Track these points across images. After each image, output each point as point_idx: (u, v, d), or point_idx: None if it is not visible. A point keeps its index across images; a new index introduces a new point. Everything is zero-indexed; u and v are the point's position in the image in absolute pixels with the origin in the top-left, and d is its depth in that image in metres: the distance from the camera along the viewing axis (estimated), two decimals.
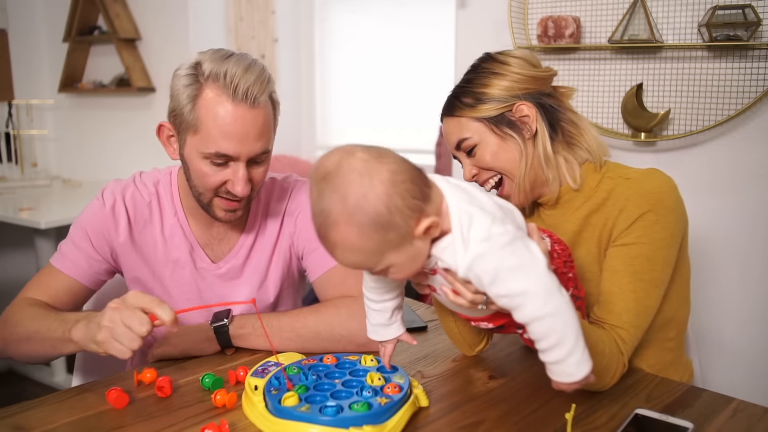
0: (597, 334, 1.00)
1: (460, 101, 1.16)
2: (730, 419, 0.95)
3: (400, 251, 0.81)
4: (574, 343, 0.79)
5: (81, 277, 1.23)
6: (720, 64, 1.70)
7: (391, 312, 0.98)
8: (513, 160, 1.15)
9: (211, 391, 1.01)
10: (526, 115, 1.13)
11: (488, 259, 0.80)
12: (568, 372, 0.80)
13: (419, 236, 0.81)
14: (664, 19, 1.75)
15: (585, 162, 1.18)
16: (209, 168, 1.13)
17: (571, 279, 1.01)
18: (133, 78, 3.30)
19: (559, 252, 0.99)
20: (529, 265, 0.80)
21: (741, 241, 1.73)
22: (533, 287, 0.79)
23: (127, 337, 0.94)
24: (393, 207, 0.78)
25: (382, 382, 0.96)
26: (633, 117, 1.78)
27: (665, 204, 1.07)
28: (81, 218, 1.25)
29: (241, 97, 1.08)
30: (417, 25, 3.47)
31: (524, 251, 0.80)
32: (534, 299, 0.79)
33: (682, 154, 1.79)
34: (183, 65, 1.14)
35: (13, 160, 3.62)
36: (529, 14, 1.95)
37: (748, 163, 1.70)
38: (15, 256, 3.42)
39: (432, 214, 0.81)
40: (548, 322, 0.79)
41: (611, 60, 1.85)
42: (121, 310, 0.96)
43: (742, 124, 1.70)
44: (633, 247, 1.07)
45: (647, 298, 1.06)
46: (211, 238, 1.28)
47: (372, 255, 0.81)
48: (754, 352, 1.74)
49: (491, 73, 1.14)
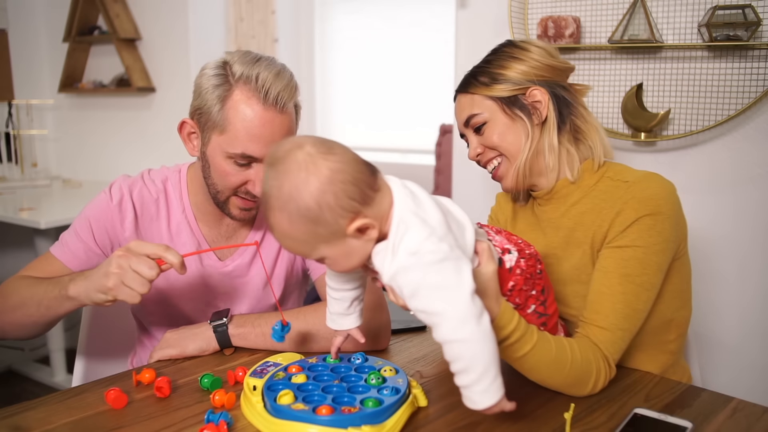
0: (561, 344, 0.99)
1: (476, 79, 1.18)
2: (729, 419, 0.95)
3: (332, 246, 0.84)
4: (481, 372, 0.80)
5: (78, 267, 1.22)
6: (720, 64, 1.69)
7: (350, 302, 1.00)
8: (518, 142, 1.16)
9: (209, 391, 1.01)
10: (539, 101, 1.14)
11: (411, 274, 0.80)
12: (472, 399, 0.81)
13: (352, 235, 0.82)
14: (664, 19, 1.75)
15: (587, 158, 1.18)
16: (232, 168, 1.14)
17: (533, 297, 1.00)
18: (133, 78, 3.30)
19: (523, 268, 0.98)
20: (451, 287, 0.80)
21: (741, 241, 1.73)
22: (450, 311, 0.79)
23: (137, 281, 0.98)
24: (324, 203, 0.80)
25: (381, 381, 0.97)
26: (633, 117, 1.77)
27: (662, 210, 1.07)
28: (87, 210, 1.25)
29: (271, 102, 1.11)
30: (417, 25, 3.48)
31: (451, 273, 0.80)
32: (448, 323, 0.79)
33: (682, 154, 1.79)
34: (209, 64, 1.16)
35: (13, 160, 3.62)
36: (529, 14, 1.95)
37: (748, 163, 1.70)
38: (15, 256, 3.42)
39: (369, 217, 0.82)
40: (458, 348, 0.80)
41: (611, 60, 1.85)
42: (129, 257, 0.99)
43: (742, 124, 1.70)
44: (627, 250, 1.07)
45: (636, 301, 1.06)
46: (219, 236, 1.29)
47: (303, 244, 0.84)
48: (753, 351, 1.74)
49: (510, 57, 1.16)
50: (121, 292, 0.99)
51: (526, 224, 1.29)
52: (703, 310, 1.79)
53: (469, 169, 2.14)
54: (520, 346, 0.94)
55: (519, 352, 0.94)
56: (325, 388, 0.96)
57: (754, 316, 1.73)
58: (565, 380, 0.97)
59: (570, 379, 0.97)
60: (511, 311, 0.93)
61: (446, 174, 3.08)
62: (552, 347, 0.96)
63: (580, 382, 0.99)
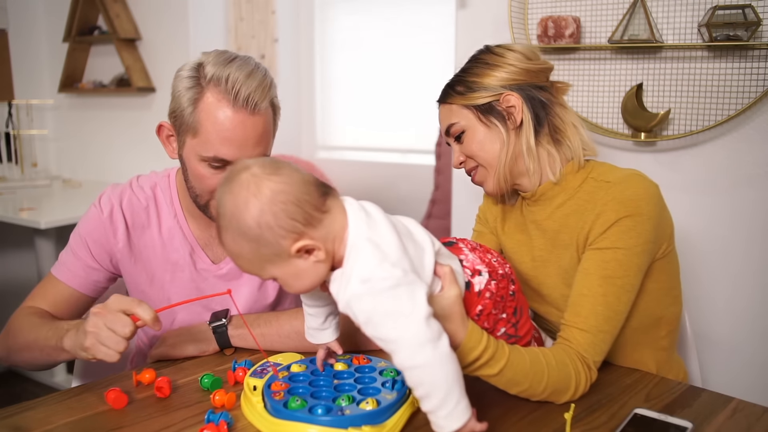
0: (534, 353, 0.98)
1: (453, 89, 1.19)
2: (729, 419, 0.95)
3: (278, 267, 0.84)
4: (443, 397, 0.79)
5: (80, 286, 1.23)
6: (720, 64, 1.69)
7: (325, 317, 1.00)
8: (494, 150, 1.17)
9: (210, 391, 1.01)
10: (512, 106, 1.15)
11: (364, 301, 0.80)
12: (438, 424, 0.80)
13: (295, 255, 0.83)
14: (664, 19, 1.75)
15: (570, 159, 1.18)
16: (207, 171, 1.13)
17: (504, 320, 0.99)
18: (133, 78, 3.30)
19: (493, 291, 0.97)
20: (404, 314, 0.79)
21: (740, 241, 1.73)
22: (404, 337, 0.78)
23: (113, 340, 0.95)
24: (263, 223, 0.81)
25: (396, 374, 0.97)
26: (633, 117, 1.77)
27: (642, 211, 1.07)
28: (79, 227, 1.25)
29: (241, 104, 1.08)
30: (417, 25, 3.47)
31: (404, 299, 0.79)
32: (404, 350, 0.79)
33: (682, 154, 1.79)
34: (186, 66, 1.14)
35: (13, 160, 3.62)
36: (529, 14, 1.95)
37: (747, 163, 1.70)
38: (15, 256, 3.42)
39: (314, 239, 0.82)
40: (417, 374, 0.79)
41: (611, 60, 1.85)
42: (104, 315, 0.96)
43: (742, 124, 1.70)
44: (607, 252, 1.07)
45: (617, 303, 1.05)
46: (211, 239, 1.28)
47: (251, 263, 0.85)
48: (753, 351, 1.74)
49: (485, 64, 1.17)
50: (98, 352, 0.96)
51: (514, 224, 1.29)
52: (703, 310, 1.79)
53: None
54: (493, 364, 0.92)
55: (493, 369, 0.93)
56: (325, 387, 0.96)
57: (754, 316, 1.73)
58: (545, 388, 0.96)
59: (550, 387, 0.96)
60: (479, 332, 0.92)
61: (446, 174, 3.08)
62: (526, 358, 0.96)
63: (560, 388, 0.98)
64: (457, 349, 0.88)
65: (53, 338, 1.08)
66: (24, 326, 1.17)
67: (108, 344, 0.95)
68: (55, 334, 1.09)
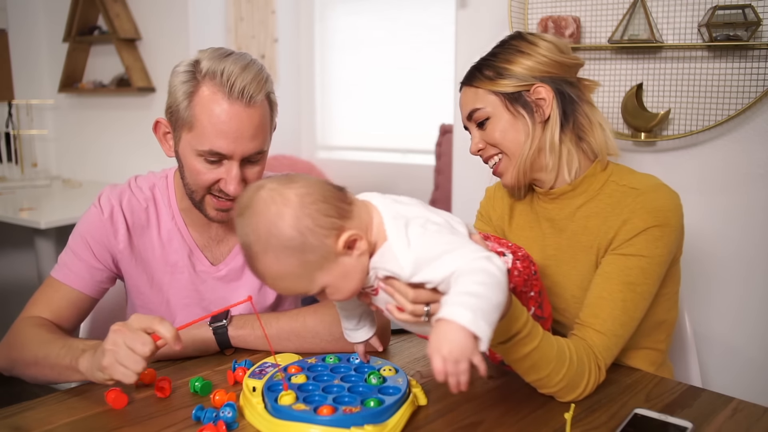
0: (561, 343, 0.98)
1: (480, 73, 1.16)
2: (729, 419, 0.95)
3: (327, 271, 0.83)
4: (482, 293, 0.76)
5: (84, 287, 1.21)
6: (720, 64, 1.69)
7: (359, 318, 1.02)
8: (519, 140, 1.14)
9: (200, 395, 1.00)
10: (542, 98, 1.13)
11: (428, 244, 0.82)
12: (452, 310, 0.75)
13: (342, 252, 0.82)
14: (664, 19, 1.75)
15: (594, 159, 1.17)
16: (203, 165, 1.12)
17: (532, 298, 1.00)
18: (133, 78, 3.30)
19: (520, 270, 0.97)
20: (457, 245, 0.82)
21: (740, 241, 1.73)
22: (460, 263, 0.80)
23: (131, 360, 0.92)
24: (304, 228, 0.80)
25: (382, 381, 0.97)
26: (633, 117, 1.77)
27: (670, 223, 1.07)
28: (79, 227, 1.24)
29: (237, 96, 1.08)
30: (417, 25, 3.47)
31: (451, 236, 0.84)
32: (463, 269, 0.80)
33: (682, 154, 1.79)
34: (182, 63, 1.14)
35: (13, 160, 3.62)
36: (529, 14, 1.95)
37: (747, 163, 1.70)
38: (15, 256, 3.42)
39: (354, 228, 0.82)
40: (475, 276, 0.79)
41: (611, 60, 1.85)
42: (123, 332, 0.94)
43: (742, 124, 1.70)
44: (631, 258, 1.07)
45: (635, 310, 1.06)
46: (210, 241, 1.27)
47: (300, 279, 0.83)
48: (754, 351, 1.74)
49: (517, 51, 1.14)
50: (116, 372, 0.93)
51: (524, 220, 1.27)
52: (703, 310, 1.79)
53: (469, 169, 2.14)
54: (529, 341, 0.92)
55: (527, 347, 0.93)
56: (326, 388, 0.96)
57: (754, 316, 1.73)
58: (560, 380, 0.96)
59: (565, 380, 0.97)
60: (521, 305, 0.92)
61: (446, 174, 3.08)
62: (554, 344, 0.96)
63: (573, 384, 0.98)
64: (503, 319, 0.87)
65: (67, 357, 1.06)
66: (32, 340, 1.14)
67: (126, 363, 0.92)
68: (68, 353, 1.06)
